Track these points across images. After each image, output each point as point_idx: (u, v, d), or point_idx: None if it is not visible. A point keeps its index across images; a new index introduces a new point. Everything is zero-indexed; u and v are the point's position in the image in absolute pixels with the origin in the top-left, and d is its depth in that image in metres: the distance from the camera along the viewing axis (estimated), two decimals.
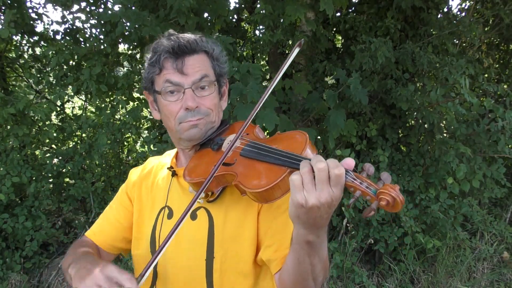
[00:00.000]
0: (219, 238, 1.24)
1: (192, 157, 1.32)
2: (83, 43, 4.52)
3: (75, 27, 4.59)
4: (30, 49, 4.76)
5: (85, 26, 4.46)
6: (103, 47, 4.22)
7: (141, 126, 4.55)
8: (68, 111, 4.98)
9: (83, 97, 4.99)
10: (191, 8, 3.72)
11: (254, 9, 4.73)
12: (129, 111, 4.14)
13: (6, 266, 3.96)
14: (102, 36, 4.24)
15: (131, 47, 4.70)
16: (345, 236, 4.22)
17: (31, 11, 4.56)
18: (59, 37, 4.66)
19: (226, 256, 1.23)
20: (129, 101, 4.55)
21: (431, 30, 4.78)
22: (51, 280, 4.10)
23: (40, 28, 4.72)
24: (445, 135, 4.67)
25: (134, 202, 1.46)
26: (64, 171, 4.26)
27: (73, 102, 5.09)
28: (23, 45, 4.73)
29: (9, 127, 4.00)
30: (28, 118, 4.19)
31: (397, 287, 4.18)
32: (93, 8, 4.52)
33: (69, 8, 4.44)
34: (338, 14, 5.03)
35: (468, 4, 5.53)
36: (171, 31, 1.32)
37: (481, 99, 4.71)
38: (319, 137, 4.28)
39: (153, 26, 3.64)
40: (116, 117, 4.37)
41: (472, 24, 4.61)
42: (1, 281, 3.86)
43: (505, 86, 4.83)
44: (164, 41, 1.27)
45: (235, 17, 5.38)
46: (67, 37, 4.57)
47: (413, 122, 4.87)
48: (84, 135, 4.65)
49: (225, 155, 1.13)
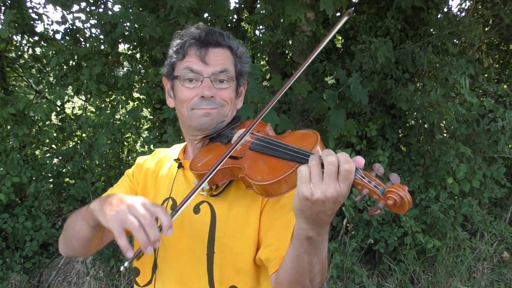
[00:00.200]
0: (221, 233, 1.23)
1: (200, 149, 1.32)
2: (83, 43, 4.52)
3: (75, 27, 4.58)
4: (30, 49, 4.75)
5: (85, 26, 4.46)
6: (103, 47, 4.22)
7: (141, 126, 4.54)
8: (68, 111, 4.97)
9: (83, 97, 4.98)
10: (191, 8, 3.72)
11: (254, 9, 4.73)
12: (129, 111, 4.14)
13: (6, 266, 3.96)
14: (102, 36, 4.24)
15: (131, 47, 4.71)
16: (345, 236, 4.22)
17: (31, 11, 4.55)
18: (59, 37, 4.66)
19: (226, 252, 1.23)
20: (129, 101, 4.55)
21: (431, 30, 4.79)
22: (51, 280, 4.11)
23: (40, 28, 4.73)
24: (445, 135, 4.67)
25: (139, 187, 1.46)
26: (64, 171, 4.25)
27: (73, 102, 5.08)
28: (23, 45, 4.72)
29: (9, 127, 4.00)
30: (28, 118, 4.18)
31: (397, 287, 4.18)
32: (93, 8, 4.52)
33: (69, 8, 4.43)
34: (338, 14, 5.02)
35: (468, 4, 5.54)
36: (201, 23, 1.33)
37: (481, 99, 4.71)
38: None
39: (153, 26, 3.64)
40: (116, 117, 4.37)
41: (472, 24, 4.61)
42: (1, 281, 3.86)
43: (505, 86, 4.82)
44: (192, 29, 1.29)
45: (235, 17, 5.38)
46: (67, 37, 4.56)
47: (413, 122, 4.87)
48: (84, 135, 4.65)
49: (234, 146, 1.13)
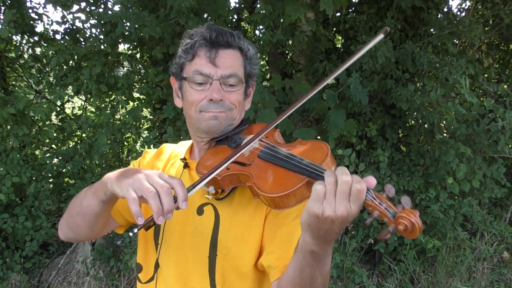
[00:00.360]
0: (224, 237, 1.23)
1: (207, 151, 1.31)
2: (83, 43, 4.52)
3: (75, 27, 4.59)
4: (30, 49, 4.76)
5: (85, 26, 4.47)
6: (103, 47, 4.22)
7: (141, 126, 4.54)
8: (68, 111, 4.97)
9: (83, 97, 4.98)
10: (191, 8, 3.72)
11: (254, 9, 4.73)
12: (129, 111, 4.14)
13: (6, 266, 3.96)
14: (102, 36, 4.24)
15: (131, 47, 4.71)
16: (345, 236, 4.22)
17: (31, 11, 4.56)
18: (59, 37, 4.66)
19: (228, 255, 1.23)
20: (129, 101, 4.55)
21: (431, 30, 4.79)
22: (51, 280, 4.11)
23: (40, 28, 4.73)
24: (445, 135, 4.66)
25: None
26: (64, 171, 4.25)
27: (73, 102, 5.08)
28: (23, 45, 4.72)
29: (9, 127, 4.00)
30: (28, 118, 4.19)
31: (397, 287, 4.18)
32: (93, 8, 4.52)
33: (69, 8, 4.44)
34: (338, 14, 5.03)
35: (468, 4, 5.54)
36: (211, 23, 1.31)
37: (481, 99, 4.71)
38: (319, 137, 4.27)
39: (153, 26, 3.64)
40: (116, 117, 4.37)
41: (472, 24, 4.61)
42: (1, 281, 3.86)
43: (505, 86, 4.82)
44: (202, 29, 1.27)
45: (235, 17, 5.38)
46: (67, 37, 4.56)
47: (413, 122, 4.87)
48: (84, 135, 4.65)
49: (240, 152, 1.11)
